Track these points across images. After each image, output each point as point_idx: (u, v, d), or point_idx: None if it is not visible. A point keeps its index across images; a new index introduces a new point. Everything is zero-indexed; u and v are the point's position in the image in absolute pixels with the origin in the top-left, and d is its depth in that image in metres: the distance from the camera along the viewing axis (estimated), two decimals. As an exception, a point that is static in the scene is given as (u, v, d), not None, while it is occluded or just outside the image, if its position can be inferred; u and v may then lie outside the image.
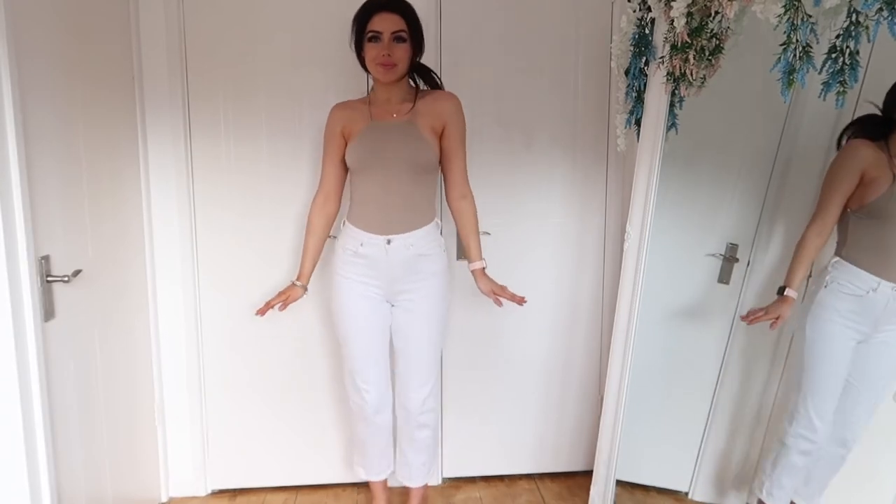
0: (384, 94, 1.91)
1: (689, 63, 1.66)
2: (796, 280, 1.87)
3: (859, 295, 1.82)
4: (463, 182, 1.98)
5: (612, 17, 2.30)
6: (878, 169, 1.76)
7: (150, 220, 2.24)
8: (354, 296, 1.97)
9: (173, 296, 2.31)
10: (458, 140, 1.94)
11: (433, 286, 1.97)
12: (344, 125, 1.93)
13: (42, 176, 1.55)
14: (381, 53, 1.80)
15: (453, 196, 1.99)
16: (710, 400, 2.29)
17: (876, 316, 1.83)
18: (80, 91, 1.77)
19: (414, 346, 2.00)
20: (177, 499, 2.43)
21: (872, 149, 1.78)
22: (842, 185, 1.80)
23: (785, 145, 2.08)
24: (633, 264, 1.99)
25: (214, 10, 2.18)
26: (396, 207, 1.89)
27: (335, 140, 1.96)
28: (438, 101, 1.92)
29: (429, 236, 1.94)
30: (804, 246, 1.87)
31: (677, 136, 1.91)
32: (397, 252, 1.90)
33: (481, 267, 2.03)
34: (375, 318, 1.99)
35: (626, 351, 2.03)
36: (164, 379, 2.34)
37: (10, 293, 1.41)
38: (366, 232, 1.91)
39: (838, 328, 1.86)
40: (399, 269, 1.92)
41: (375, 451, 2.13)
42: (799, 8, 1.33)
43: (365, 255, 1.92)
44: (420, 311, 1.97)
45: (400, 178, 1.87)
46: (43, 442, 1.51)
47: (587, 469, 2.53)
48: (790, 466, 1.95)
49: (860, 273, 1.82)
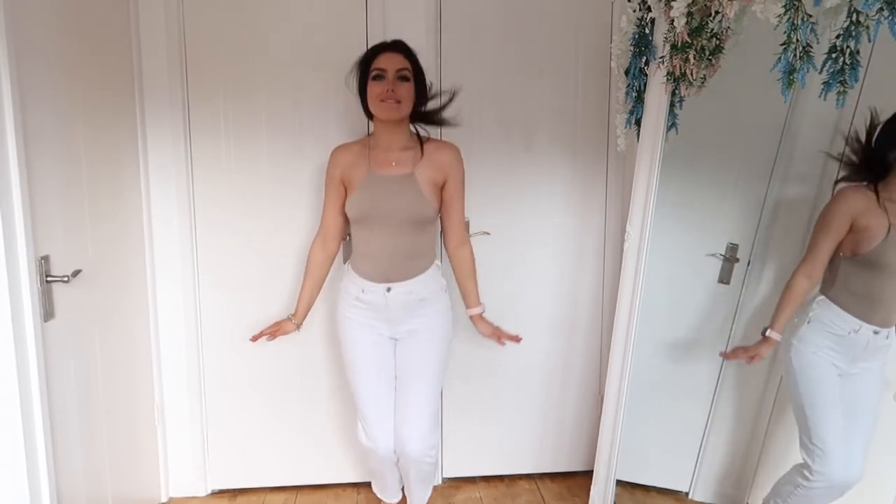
0: (385, 139, 1.89)
1: (689, 63, 1.66)
2: (780, 322, 1.89)
3: (840, 335, 1.84)
4: (461, 230, 2.01)
5: (612, 17, 2.30)
6: (869, 217, 1.75)
7: (150, 220, 2.24)
8: (358, 337, 1.98)
9: (173, 296, 2.31)
10: (458, 191, 1.96)
11: (435, 323, 1.98)
12: (343, 172, 1.93)
13: (42, 176, 1.55)
14: (386, 90, 1.79)
15: (452, 244, 2.02)
16: (711, 400, 2.29)
17: (854, 354, 1.85)
18: (80, 91, 1.77)
19: (412, 381, 1.98)
20: (177, 499, 2.43)
21: (863, 196, 1.77)
22: (831, 231, 1.81)
23: (785, 145, 2.08)
24: (633, 264, 1.99)
25: (214, 10, 2.18)
26: (396, 258, 1.90)
27: (335, 185, 1.95)
28: (440, 151, 1.91)
29: (429, 280, 1.95)
30: (791, 288, 1.88)
31: (677, 136, 1.90)
32: (397, 298, 1.91)
33: (479, 312, 2.08)
34: (381, 356, 1.99)
35: (626, 351, 2.03)
36: (164, 379, 2.34)
37: (10, 293, 1.41)
38: (366, 280, 1.92)
39: (823, 356, 1.87)
40: (400, 313, 1.94)
41: (389, 478, 2.14)
42: (799, 8, 1.33)
43: (367, 301, 1.93)
44: (422, 344, 1.97)
45: (399, 231, 1.87)
46: (43, 442, 1.51)
47: (587, 469, 2.53)
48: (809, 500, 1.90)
49: (843, 315, 1.83)
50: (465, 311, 2.09)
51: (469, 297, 2.07)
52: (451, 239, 2.01)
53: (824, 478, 1.85)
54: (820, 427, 1.86)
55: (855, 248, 1.79)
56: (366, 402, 2.00)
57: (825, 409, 1.87)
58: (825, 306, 1.86)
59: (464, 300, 2.08)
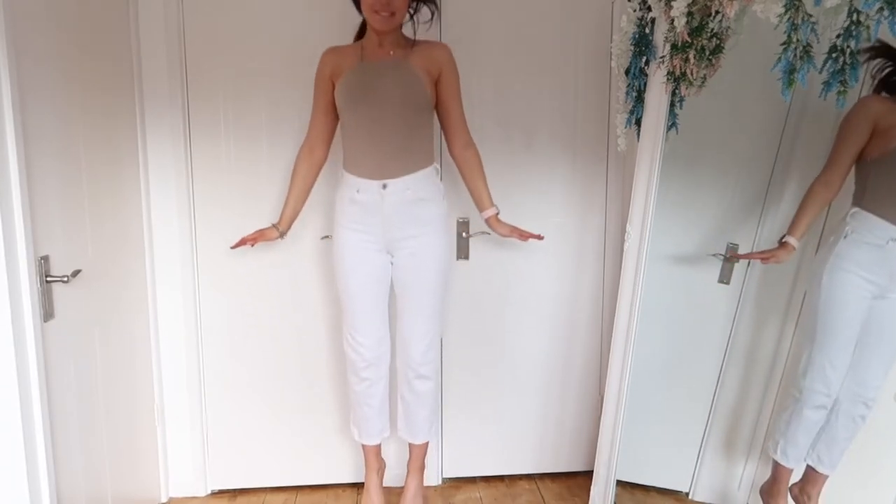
0: (376, 39, 1.88)
1: (689, 63, 1.66)
2: (798, 229, 1.86)
3: (879, 245, 1.80)
4: (465, 131, 1.97)
5: (612, 16, 2.30)
6: (891, 118, 1.75)
7: (150, 220, 2.24)
8: (353, 247, 1.94)
9: (173, 296, 2.31)
10: (455, 89, 1.93)
11: (433, 233, 1.94)
12: (333, 68, 1.90)
13: (42, 176, 1.54)
14: (379, 1, 1.76)
15: (457, 146, 1.97)
16: (711, 400, 2.29)
17: (893, 269, 1.81)
18: (80, 91, 1.77)
19: (416, 297, 1.96)
20: (177, 499, 2.43)
21: (883, 102, 1.78)
22: (851, 138, 1.80)
23: (785, 145, 2.08)
24: (633, 264, 1.99)
25: (214, 10, 2.18)
26: (391, 149, 1.85)
27: (324, 84, 1.92)
28: (433, 49, 1.90)
29: (427, 179, 1.91)
30: (810, 196, 1.86)
31: (677, 136, 1.90)
32: (393, 196, 1.86)
33: (495, 213, 2.03)
34: (374, 270, 1.96)
35: (626, 351, 2.03)
36: (163, 379, 2.34)
37: (10, 293, 1.41)
38: (361, 178, 1.88)
39: (856, 279, 1.83)
40: (396, 216, 1.89)
41: (370, 411, 2.10)
42: (799, 7, 1.33)
43: (361, 201, 1.88)
44: (421, 260, 1.94)
45: (393, 116, 1.83)
46: (42, 442, 1.51)
47: (587, 469, 2.53)
48: (805, 422, 1.91)
49: (879, 222, 1.80)
50: (480, 215, 2.04)
51: (482, 199, 2.02)
52: (456, 141, 1.97)
53: (813, 395, 1.88)
54: (825, 347, 1.86)
55: (880, 150, 1.79)
56: (354, 309, 1.97)
57: (839, 332, 1.86)
58: (860, 217, 1.83)
59: (477, 205, 2.04)
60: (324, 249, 2.33)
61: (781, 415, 2.01)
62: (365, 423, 2.13)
